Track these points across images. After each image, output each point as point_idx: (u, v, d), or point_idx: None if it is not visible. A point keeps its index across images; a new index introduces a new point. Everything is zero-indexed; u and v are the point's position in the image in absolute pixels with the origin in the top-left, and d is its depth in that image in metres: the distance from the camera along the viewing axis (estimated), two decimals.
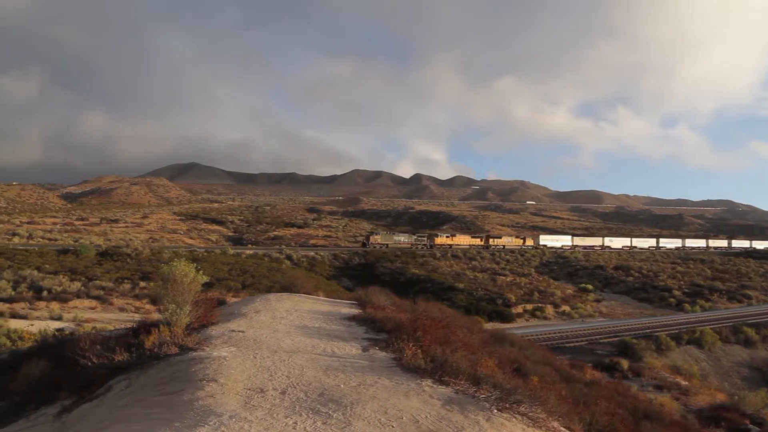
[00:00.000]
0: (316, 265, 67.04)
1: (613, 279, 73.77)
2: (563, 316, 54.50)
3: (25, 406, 9.65)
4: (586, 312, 56.12)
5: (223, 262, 59.02)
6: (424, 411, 6.41)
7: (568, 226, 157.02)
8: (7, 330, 30.44)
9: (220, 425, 5.66)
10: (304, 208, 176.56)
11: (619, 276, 75.10)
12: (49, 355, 12.13)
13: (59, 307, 38.18)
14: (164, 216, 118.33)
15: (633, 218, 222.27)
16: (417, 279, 62.34)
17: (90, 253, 57.26)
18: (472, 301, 53.22)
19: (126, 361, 9.59)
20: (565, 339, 39.54)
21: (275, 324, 12.41)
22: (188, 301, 11.21)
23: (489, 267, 74.38)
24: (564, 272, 77.60)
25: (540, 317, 52.77)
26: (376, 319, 13.20)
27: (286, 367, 8.30)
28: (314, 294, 21.91)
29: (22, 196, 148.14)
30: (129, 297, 42.71)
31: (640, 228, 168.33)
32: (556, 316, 54.35)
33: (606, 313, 57.85)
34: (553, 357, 22.40)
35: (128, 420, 6.73)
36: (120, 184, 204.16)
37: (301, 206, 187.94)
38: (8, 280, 42.91)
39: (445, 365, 8.42)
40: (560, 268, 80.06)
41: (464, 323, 18.67)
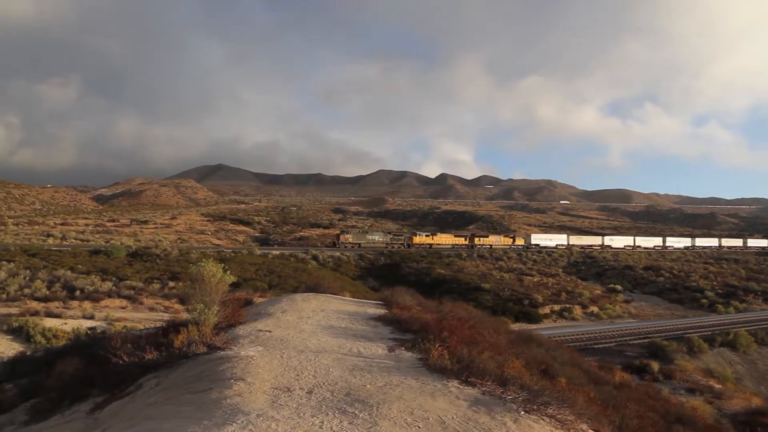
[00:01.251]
0: (341, 266, 67.30)
1: (643, 279, 72.46)
2: (591, 317, 53.74)
3: (60, 402, 9.89)
4: (614, 313, 55.24)
5: (250, 262, 59.63)
6: (450, 412, 6.37)
7: (596, 226, 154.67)
8: (43, 328, 31.30)
9: (247, 424, 5.71)
10: (330, 209, 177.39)
11: (649, 276, 73.73)
12: (82, 353, 12.41)
13: (91, 306, 39.03)
14: (192, 217, 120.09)
15: (663, 217, 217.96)
16: (443, 279, 62.12)
17: (121, 253, 58.44)
18: (499, 301, 52.84)
19: (156, 360, 9.76)
20: (594, 340, 39.00)
21: (301, 324, 12.48)
22: (216, 301, 11.34)
23: (515, 267, 73.73)
24: (592, 272, 76.53)
25: (567, 318, 52.12)
26: (402, 319, 13.18)
27: (313, 367, 8.33)
28: (340, 294, 21.98)
29: (56, 199, 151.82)
30: (158, 297, 43.45)
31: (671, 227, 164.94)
32: (584, 317, 53.61)
33: (635, 314, 56.86)
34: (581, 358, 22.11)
35: (158, 417, 6.83)
36: (149, 186, 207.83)
37: (326, 207, 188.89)
38: (43, 280, 44.06)
39: (472, 366, 8.36)
40: (588, 268, 78.97)
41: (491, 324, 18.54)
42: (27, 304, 37.79)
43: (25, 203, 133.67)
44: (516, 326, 39.19)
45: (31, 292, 40.76)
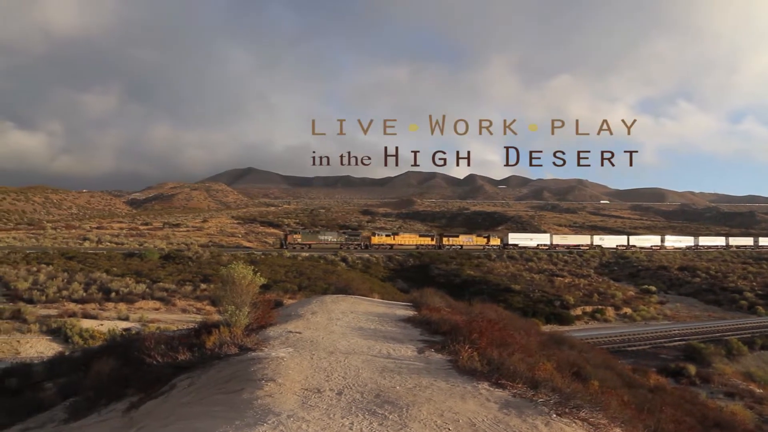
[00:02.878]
0: (370, 267, 67.44)
1: (678, 280, 70.76)
2: (625, 318, 52.75)
3: (97, 401, 10.13)
4: (649, 314, 54.10)
5: (280, 264, 60.20)
6: (480, 414, 6.33)
7: (628, 225, 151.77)
8: (80, 329, 32.12)
9: (278, 424, 5.76)
10: (359, 211, 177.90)
11: (684, 277, 71.96)
12: (118, 354, 12.70)
13: (126, 307, 39.90)
14: (223, 220, 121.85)
15: (699, 216, 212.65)
16: (472, 280, 61.75)
17: (154, 256, 59.65)
18: (529, 303, 52.28)
19: (188, 361, 9.92)
20: (627, 342, 38.31)
21: (331, 325, 12.54)
22: (247, 303, 11.48)
23: (546, 268, 72.84)
24: (625, 273, 75.12)
25: (600, 320, 51.26)
26: (432, 320, 13.14)
27: (343, 368, 8.36)
28: (369, 296, 22.02)
29: (92, 203, 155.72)
30: (190, 298, 44.18)
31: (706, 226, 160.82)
32: (617, 318, 52.66)
33: (671, 315, 55.60)
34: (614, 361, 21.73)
35: (191, 417, 6.94)
36: (181, 189, 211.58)
37: (355, 208, 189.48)
38: (80, 282, 45.23)
39: (502, 368, 8.28)
40: (621, 268, 77.56)
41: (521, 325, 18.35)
42: (65, 306, 38.83)
43: (63, 208, 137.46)
44: (547, 328, 38.71)
45: (69, 294, 41.87)
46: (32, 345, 30.50)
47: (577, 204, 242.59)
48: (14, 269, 49.14)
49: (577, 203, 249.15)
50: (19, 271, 48.15)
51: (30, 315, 34.65)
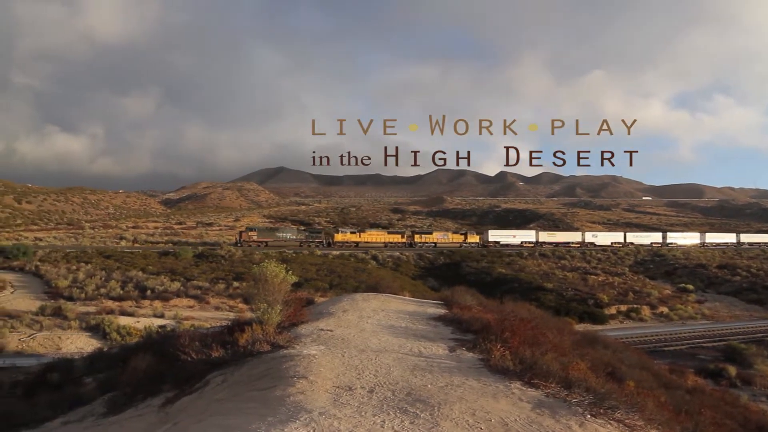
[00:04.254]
0: (401, 265, 67.42)
1: (717, 279, 68.73)
2: (661, 317, 51.56)
3: (134, 396, 10.37)
4: (686, 314, 52.76)
5: (311, 262, 60.64)
6: (513, 414, 6.26)
7: (664, 222, 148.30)
8: (117, 326, 32.95)
9: (310, 421, 5.80)
10: (389, 209, 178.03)
11: (723, 275, 69.90)
12: (154, 351, 12.97)
13: (161, 305, 40.74)
14: (255, 219, 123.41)
15: (738, 212, 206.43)
16: (503, 279, 61.17)
17: (188, 255, 60.72)
18: (562, 301, 51.54)
19: (222, 358, 10.07)
20: (664, 342, 37.49)
21: (362, 323, 12.58)
22: (279, 301, 11.60)
23: (579, 266, 71.69)
24: (661, 271, 73.38)
25: (635, 319, 50.22)
26: (463, 319, 13.06)
27: (374, 366, 8.38)
28: (400, 294, 22.02)
29: (128, 203, 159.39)
30: (223, 296, 44.86)
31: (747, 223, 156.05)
32: (653, 317, 51.51)
33: (709, 315, 54.10)
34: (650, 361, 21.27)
35: (225, 413, 7.04)
36: (213, 189, 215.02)
37: (385, 207, 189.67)
38: (117, 280, 46.36)
39: (535, 367, 8.19)
40: (657, 266, 75.80)
41: (554, 324, 18.10)
42: (103, 303, 39.86)
43: (100, 208, 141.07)
44: (580, 327, 38.09)
45: (107, 291, 42.94)
46: (72, 341, 31.41)
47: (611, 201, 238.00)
48: (55, 268, 50.65)
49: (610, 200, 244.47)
50: (60, 270, 49.60)
51: (70, 312, 35.68)
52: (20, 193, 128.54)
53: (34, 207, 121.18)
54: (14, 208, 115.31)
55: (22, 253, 54.69)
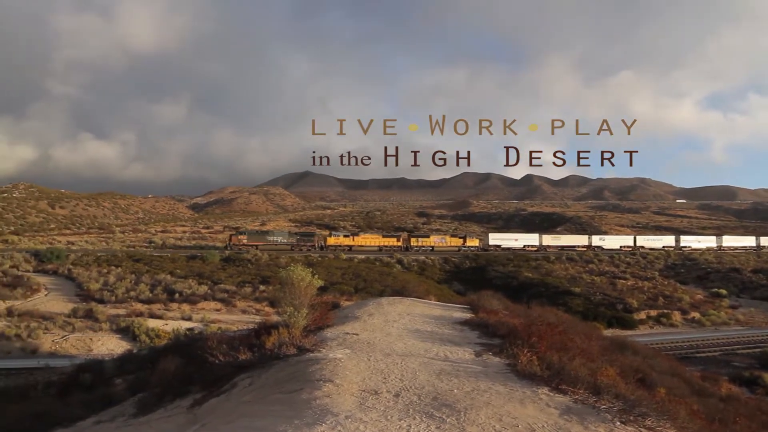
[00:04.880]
0: (426, 269, 67.29)
1: (752, 283, 66.99)
2: (693, 323, 50.45)
3: (163, 397, 10.54)
4: (719, 319, 51.50)
5: (337, 266, 60.91)
6: (540, 420, 6.19)
7: (695, 226, 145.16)
8: (146, 328, 33.55)
9: (336, 424, 5.81)
10: (414, 213, 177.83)
11: (759, 280, 68.08)
12: (182, 353, 13.17)
13: (189, 308, 41.37)
14: (281, 223, 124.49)
15: None
16: (530, 283, 60.58)
17: (215, 259, 61.54)
18: (590, 306, 50.84)
19: (249, 360, 10.18)
20: (696, 348, 36.72)
21: (388, 327, 12.58)
22: (305, 304, 11.67)
23: (607, 270, 70.61)
24: (693, 276, 71.78)
25: (666, 324, 49.25)
26: (489, 323, 12.97)
27: (399, 370, 8.36)
28: (425, 298, 21.97)
29: (157, 208, 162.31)
30: (250, 300, 45.33)
31: None
32: (685, 323, 50.44)
33: (744, 321, 52.71)
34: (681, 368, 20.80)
35: (252, 415, 7.11)
36: (240, 194, 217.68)
37: (410, 210, 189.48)
38: (146, 283, 47.24)
39: (563, 373, 8.08)
40: (688, 271, 74.18)
41: (582, 329, 17.85)
42: (133, 306, 40.64)
43: (130, 212, 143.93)
44: (609, 332, 37.51)
45: (136, 294, 43.78)
46: (103, 342, 32.08)
47: (640, 203, 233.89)
48: (87, 271, 51.82)
49: (639, 203, 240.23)
50: (91, 273, 50.73)
51: (101, 314, 36.46)
52: (54, 198, 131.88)
53: (67, 212, 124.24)
54: (48, 213, 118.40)
55: (56, 257, 56.10)
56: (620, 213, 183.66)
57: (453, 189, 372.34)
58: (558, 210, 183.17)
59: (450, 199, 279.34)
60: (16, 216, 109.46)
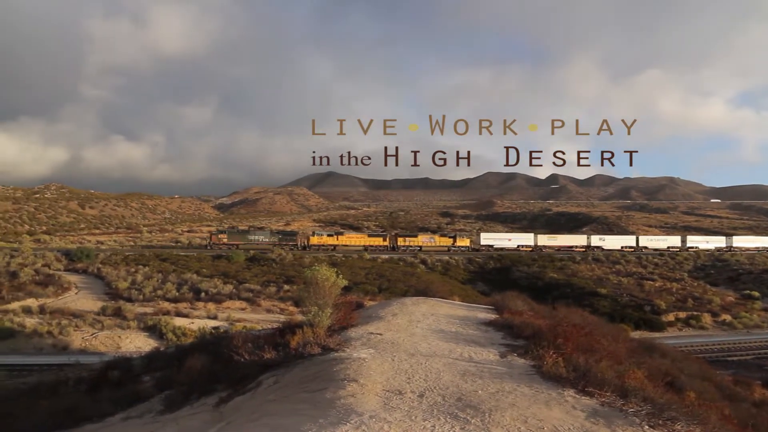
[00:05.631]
0: (450, 270, 67.06)
1: None
2: (723, 326, 49.34)
3: (190, 394, 10.67)
4: (752, 322, 50.26)
5: (360, 266, 61.05)
6: (566, 422, 6.11)
7: (726, 226, 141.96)
8: (173, 327, 34.06)
9: (360, 424, 5.82)
10: (437, 213, 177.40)
11: None
12: (208, 351, 13.31)
13: (215, 307, 41.86)
14: (305, 223, 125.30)
15: None
16: (555, 283, 59.95)
17: (240, 258, 62.19)
18: (617, 307, 50.09)
19: (274, 359, 10.25)
20: (727, 352, 35.93)
21: (412, 327, 12.55)
22: (329, 304, 11.72)
23: (635, 271, 69.52)
24: (723, 277, 70.22)
25: (695, 327, 48.25)
26: (514, 324, 12.86)
27: (424, 371, 8.34)
28: (449, 298, 21.89)
29: (183, 208, 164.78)
30: (274, 299, 45.70)
31: None
32: (715, 326, 49.35)
33: None
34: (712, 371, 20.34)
35: (277, 414, 7.16)
36: (264, 194, 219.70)
37: (434, 211, 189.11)
38: (173, 282, 47.93)
39: (589, 375, 7.96)
40: (718, 272, 72.59)
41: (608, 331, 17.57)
42: (160, 305, 41.30)
43: (157, 213, 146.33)
44: (636, 334, 36.90)
45: (163, 293, 44.48)
46: (131, 340, 32.65)
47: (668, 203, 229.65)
48: (115, 270, 52.81)
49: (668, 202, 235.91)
50: (120, 272, 51.68)
51: (129, 312, 37.13)
52: (83, 198, 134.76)
53: (96, 212, 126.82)
54: (78, 213, 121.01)
55: (86, 256, 57.31)
56: (648, 213, 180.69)
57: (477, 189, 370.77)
58: (584, 210, 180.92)
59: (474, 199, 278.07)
60: (47, 216, 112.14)
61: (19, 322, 33.39)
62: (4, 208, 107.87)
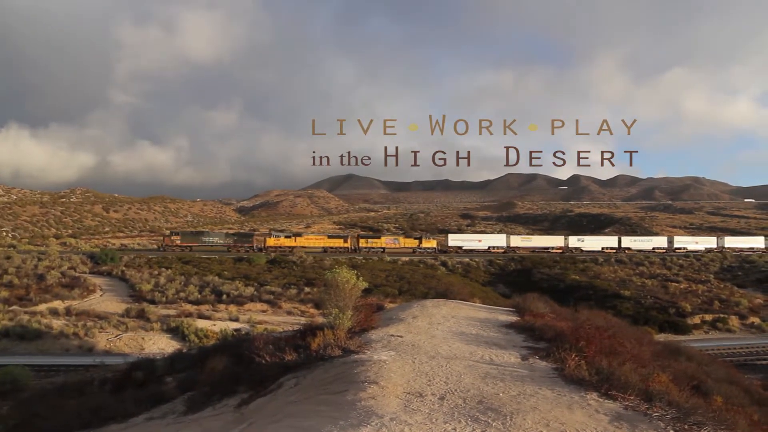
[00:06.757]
0: (470, 272, 66.73)
1: None
2: (752, 329, 48.28)
3: (211, 395, 10.78)
4: None
5: (381, 268, 61.04)
6: (589, 426, 6.03)
7: (754, 226, 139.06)
8: (195, 329, 34.39)
9: (381, 426, 5.82)
10: (458, 214, 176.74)
11: None
12: (230, 353, 13.44)
13: (236, 309, 42.18)
14: (325, 225, 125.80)
15: None
16: (577, 285, 59.25)
17: (261, 261, 62.62)
18: (641, 310, 49.33)
19: (295, 361, 10.31)
20: (756, 356, 35.16)
21: (432, 330, 12.52)
22: (349, 306, 11.75)
23: (659, 273, 68.42)
24: (752, 279, 68.70)
25: (722, 329, 47.29)
26: (536, 327, 12.76)
27: (444, 373, 8.31)
28: (470, 300, 21.79)
29: (204, 211, 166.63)
30: (295, 301, 45.89)
31: None
32: (743, 329, 48.31)
33: None
34: (740, 375, 19.94)
35: (298, 415, 7.19)
36: (285, 197, 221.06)
37: (454, 212, 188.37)
38: (195, 285, 48.42)
39: (612, 378, 7.86)
40: (746, 274, 71.07)
41: (632, 334, 17.33)
42: (182, 307, 41.73)
43: (179, 216, 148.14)
44: (661, 337, 36.31)
45: (186, 295, 44.94)
46: (154, 342, 33.06)
47: (693, 203, 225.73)
48: (139, 273, 53.52)
49: (693, 203, 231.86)
50: (143, 275, 52.36)
51: (152, 314, 37.59)
52: (108, 202, 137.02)
53: (120, 215, 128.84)
54: (103, 217, 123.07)
55: (110, 259, 58.23)
56: (672, 214, 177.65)
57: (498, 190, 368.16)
58: (606, 211, 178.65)
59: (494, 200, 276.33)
60: (73, 220, 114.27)
61: (46, 324, 34.03)
62: (32, 212, 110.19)
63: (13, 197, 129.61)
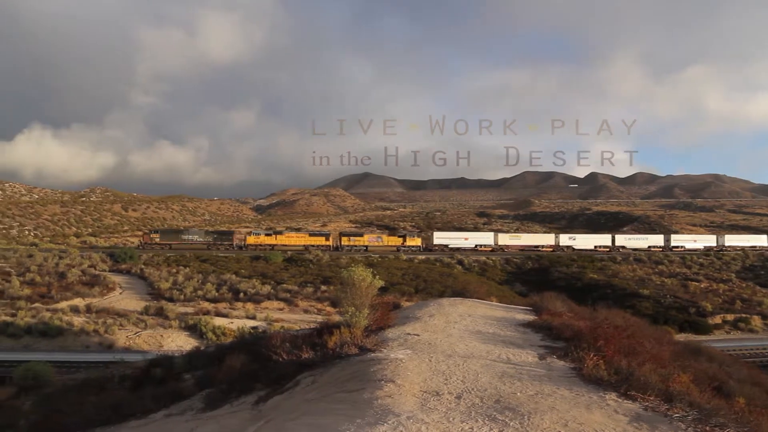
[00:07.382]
0: (487, 270, 66.46)
1: None
2: None
3: (229, 393, 10.85)
4: None
5: (397, 267, 61.05)
6: (608, 426, 5.97)
7: None
8: (213, 326, 34.68)
9: (398, 425, 5.81)
10: (474, 213, 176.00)
11: None
12: (247, 351, 13.52)
13: (253, 307, 42.47)
14: (341, 224, 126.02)
15: None
16: (595, 284, 58.73)
17: (277, 259, 62.97)
18: (660, 309, 48.74)
19: (311, 359, 10.34)
20: None
21: (449, 328, 12.49)
22: (366, 305, 11.75)
23: (679, 271, 67.54)
24: None
25: (744, 330, 46.56)
26: (553, 326, 12.66)
27: (461, 372, 8.28)
28: (487, 299, 21.69)
29: (222, 210, 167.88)
30: (312, 299, 46.09)
31: None
32: (766, 328, 47.53)
33: None
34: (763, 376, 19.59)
35: (315, 413, 7.21)
36: (301, 195, 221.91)
37: (470, 211, 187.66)
38: (213, 283, 48.85)
39: (632, 378, 7.77)
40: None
41: (651, 333, 17.12)
42: (200, 305, 42.13)
43: (197, 215, 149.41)
44: (681, 337, 35.86)
45: (204, 293, 45.35)
46: (173, 339, 33.40)
47: (714, 201, 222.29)
48: (157, 271, 54.14)
49: (713, 200, 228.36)
50: (162, 273, 52.95)
51: (171, 312, 37.99)
52: (126, 201, 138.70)
53: (139, 214, 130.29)
54: (122, 216, 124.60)
55: (129, 257, 58.95)
56: (692, 212, 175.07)
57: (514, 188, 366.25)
58: (624, 209, 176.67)
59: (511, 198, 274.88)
60: (93, 218, 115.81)
61: (67, 321, 34.56)
62: (53, 212, 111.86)
63: (34, 197, 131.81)
